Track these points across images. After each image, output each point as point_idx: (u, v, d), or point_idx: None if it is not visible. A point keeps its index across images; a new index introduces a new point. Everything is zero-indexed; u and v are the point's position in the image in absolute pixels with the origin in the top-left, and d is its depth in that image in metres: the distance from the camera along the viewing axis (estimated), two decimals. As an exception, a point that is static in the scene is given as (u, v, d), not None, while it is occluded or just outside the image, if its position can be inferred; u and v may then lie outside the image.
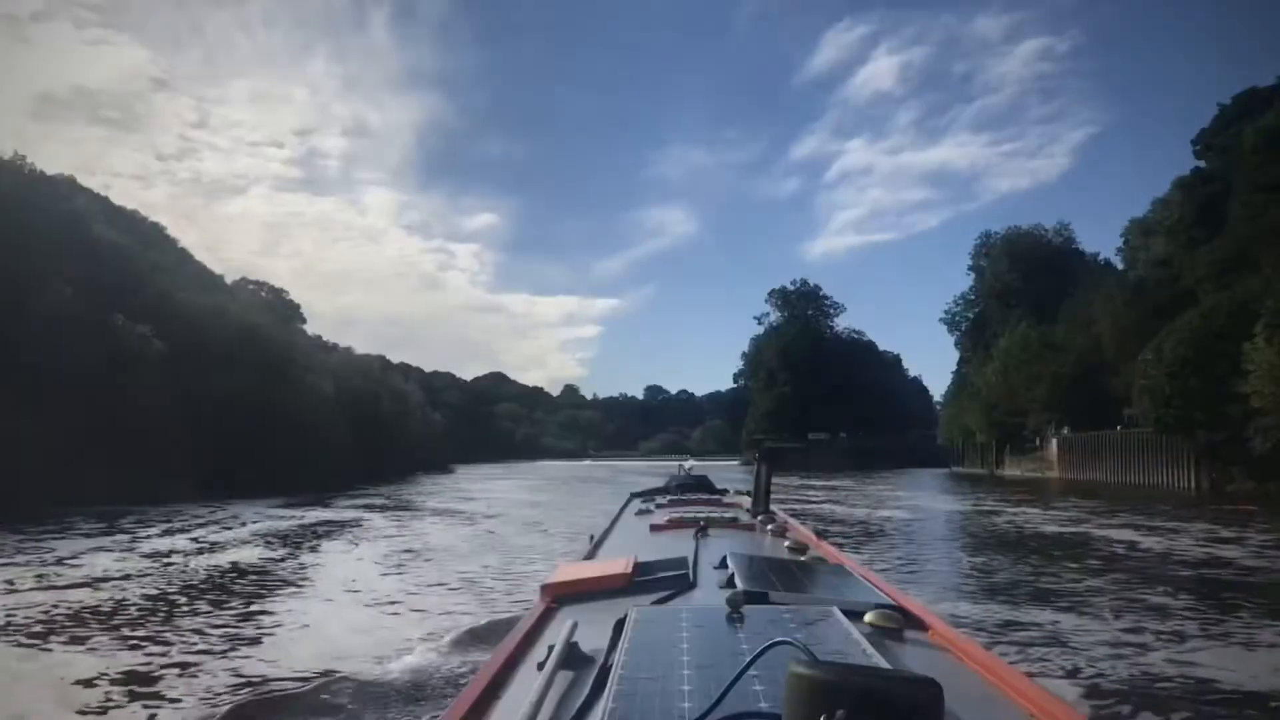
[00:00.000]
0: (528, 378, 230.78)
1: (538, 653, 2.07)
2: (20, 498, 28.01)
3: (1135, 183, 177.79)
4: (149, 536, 21.12)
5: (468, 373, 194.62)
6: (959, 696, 1.60)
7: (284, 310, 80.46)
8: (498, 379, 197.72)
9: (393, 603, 11.85)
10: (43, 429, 33.28)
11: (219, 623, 10.41)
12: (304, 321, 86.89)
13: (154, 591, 12.79)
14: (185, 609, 11.40)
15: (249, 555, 17.27)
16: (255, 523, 25.20)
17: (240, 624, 10.42)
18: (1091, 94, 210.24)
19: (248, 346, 46.87)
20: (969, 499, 35.45)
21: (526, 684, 1.82)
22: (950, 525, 24.21)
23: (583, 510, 30.51)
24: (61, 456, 33.10)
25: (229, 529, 23.36)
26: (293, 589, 13.24)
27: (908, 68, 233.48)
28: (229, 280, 76.70)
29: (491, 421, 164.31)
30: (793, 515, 6.05)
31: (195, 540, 20.30)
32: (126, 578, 14.31)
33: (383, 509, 32.13)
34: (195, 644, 9.33)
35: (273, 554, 17.65)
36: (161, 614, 11.05)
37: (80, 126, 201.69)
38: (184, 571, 15.06)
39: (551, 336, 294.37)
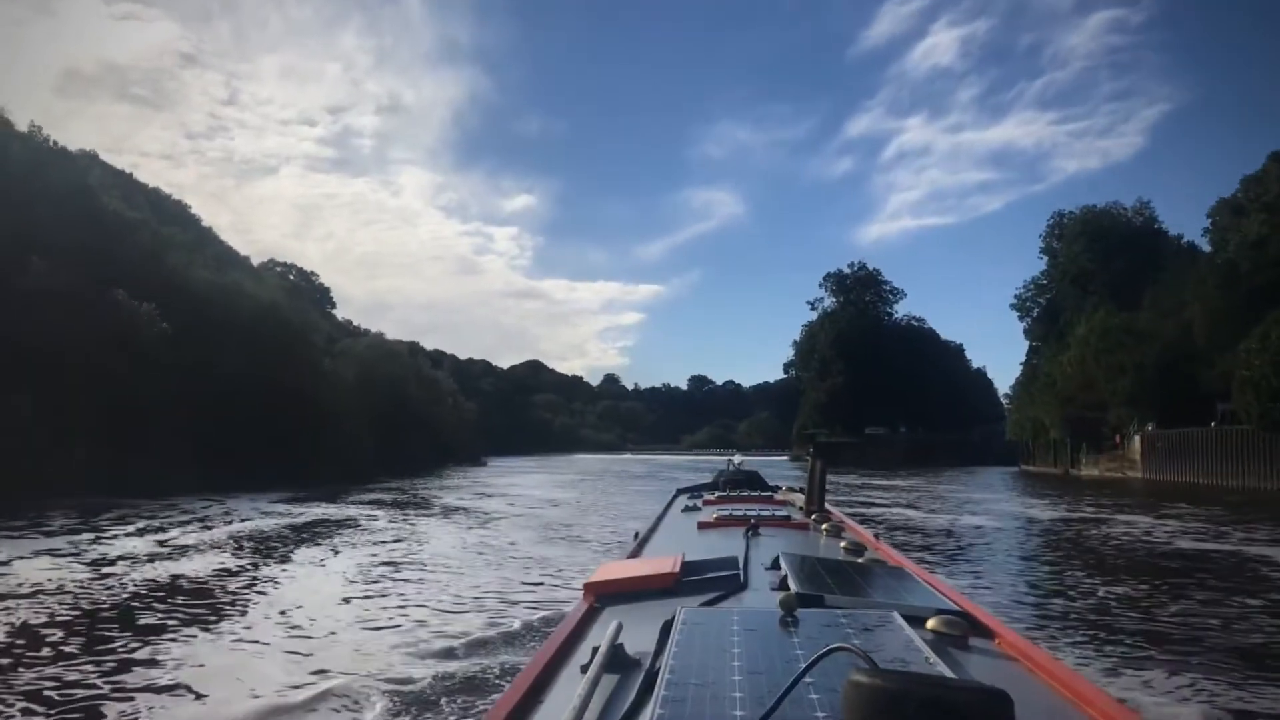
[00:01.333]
0: (566, 366, 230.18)
1: (581, 654, 2.06)
2: (8, 489, 25.86)
3: (1216, 161, 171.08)
4: (115, 537, 18.73)
5: (504, 361, 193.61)
6: (1030, 709, 1.55)
7: (312, 293, 78.99)
8: (535, 368, 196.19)
9: (331, 642, 9.02)
10: (35, 414, 31.36)
11: (70, 678, 7.62)
12: (333, 305, 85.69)
13: (41, 619, 10.13)
14: (55, 649, 8.68)
15: (205, 565, 14.62)
16: (244, 521, 22.75)
17: (111, 675, 7.62)
18: (1167, 68, 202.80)
19: (263, 328, 44.69)
20: (1059, 503, 31.83)
21: (570, 687, 1.79)
22: (1057, 539, 20.67)
23: (616, 511, 27.76)
24: (55, 444, 31.12)
25: (209, 528, 20.88)
26: (219, 616, 10.48)
27: (969, 41, 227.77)
28: (256, 262, 75.55)
29: (528, 412, 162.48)
30: (861, 521, 5.59)
31: (161, 543, 17.81)
32: (34, 595, 11.73)
33: (392, 505, 29.55)
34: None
35: (234, 563, 14.98)
36: (13, 655, 8.33)
37: (107, 104, 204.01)
38: (110, 588, 12.40)
39: (591, 324, 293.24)
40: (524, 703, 1.81)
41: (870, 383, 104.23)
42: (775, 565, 3.07)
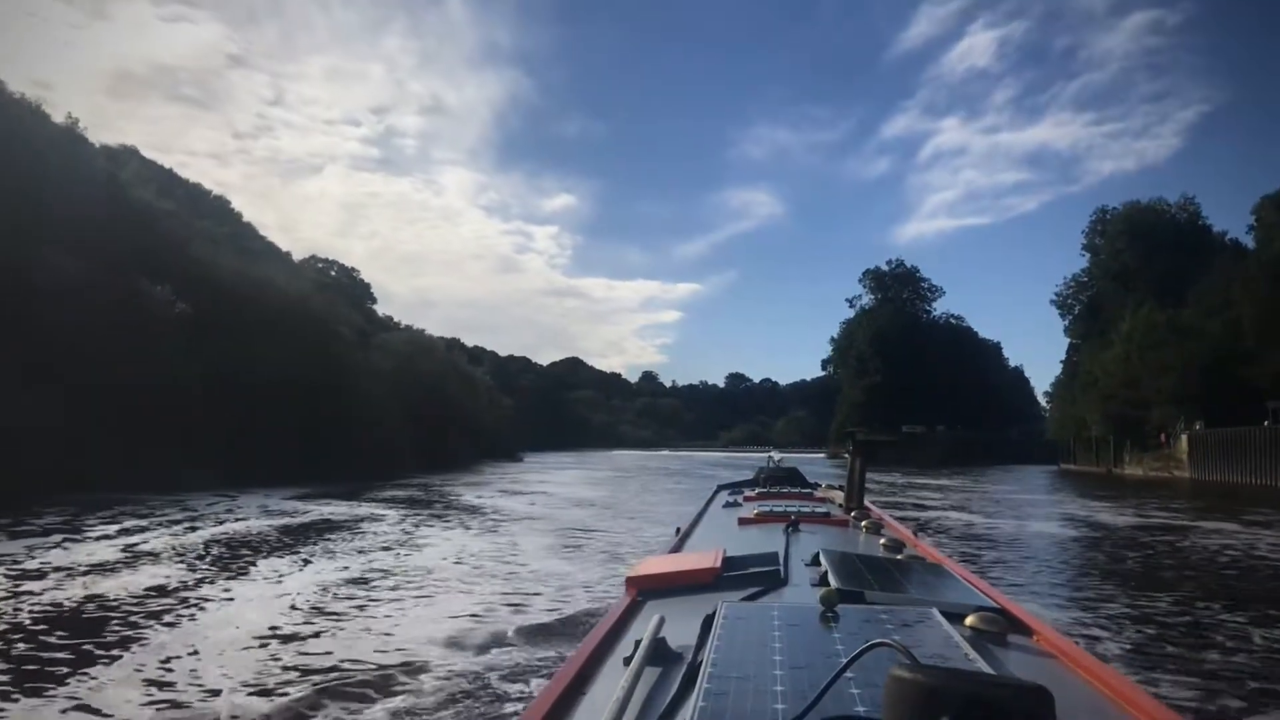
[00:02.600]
0: (605, 364, 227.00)
1: (624, 647, 2.01)
2: (15, 484, 23.49)
3: (1254, 163, 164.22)
4: (82, 540, 16.21)
5: (544, 358, 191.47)
6: (1070, 707, 1.51)
7: (353, 289, 77.10)
8: (574, 365, 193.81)
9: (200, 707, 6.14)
10: (48, 406, 29.06)
11: None
12: (374, 301, 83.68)
13: None
14: None
15: (141, 579, 11.94)
16: (238, 521, 20.26)
17: None
18: (1205, 70, 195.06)
19: (293, 321, 42.33)
20: (1124, 507, 28.18)
21: (613, 679, 1.77)
22: (1146, 552, 16.96)
23: (646, 512, 24.85)
24: (69, 437, 28.76)
25: (194, 529, 18.37)
26: (79, 663, 7.63)
27: (1005, 43, 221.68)
28: (299, 259, 73.79)
29: (567, 408, 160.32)
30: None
31: (127, 548, 15.27)
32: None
33: (407, 504, 26.88)
34: None
35: (179, 576, 12.27)
36: None
37: (158, 104, 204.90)
38: (18, 608, 9.70)
39: (630, 321, 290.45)
40: (567, 693, 1.75)
41: (908, 380, 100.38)
42: (815, 561, 2.98)
